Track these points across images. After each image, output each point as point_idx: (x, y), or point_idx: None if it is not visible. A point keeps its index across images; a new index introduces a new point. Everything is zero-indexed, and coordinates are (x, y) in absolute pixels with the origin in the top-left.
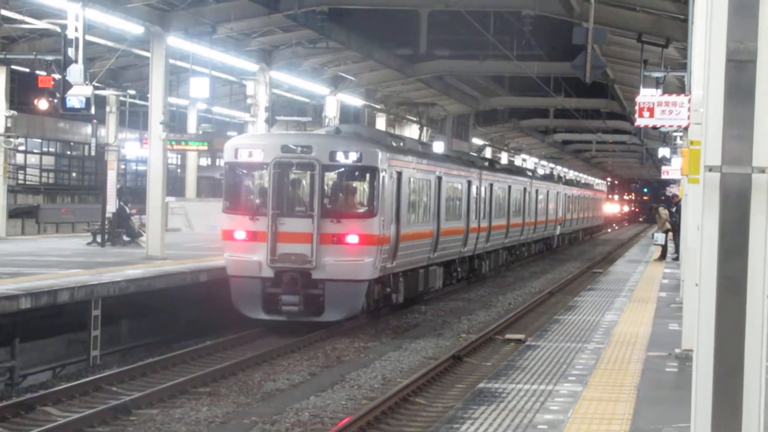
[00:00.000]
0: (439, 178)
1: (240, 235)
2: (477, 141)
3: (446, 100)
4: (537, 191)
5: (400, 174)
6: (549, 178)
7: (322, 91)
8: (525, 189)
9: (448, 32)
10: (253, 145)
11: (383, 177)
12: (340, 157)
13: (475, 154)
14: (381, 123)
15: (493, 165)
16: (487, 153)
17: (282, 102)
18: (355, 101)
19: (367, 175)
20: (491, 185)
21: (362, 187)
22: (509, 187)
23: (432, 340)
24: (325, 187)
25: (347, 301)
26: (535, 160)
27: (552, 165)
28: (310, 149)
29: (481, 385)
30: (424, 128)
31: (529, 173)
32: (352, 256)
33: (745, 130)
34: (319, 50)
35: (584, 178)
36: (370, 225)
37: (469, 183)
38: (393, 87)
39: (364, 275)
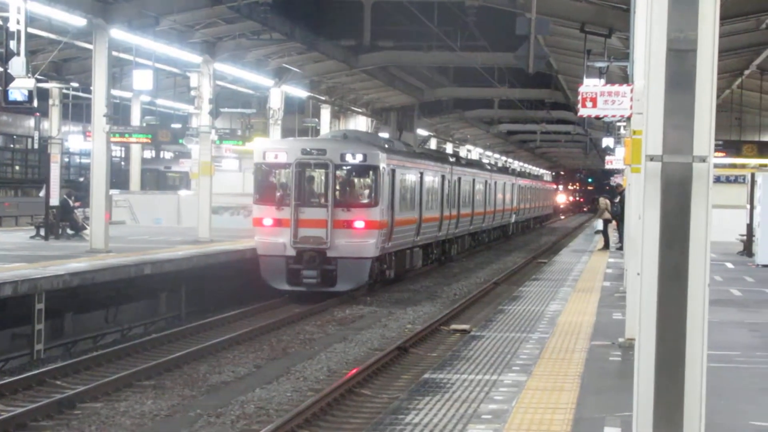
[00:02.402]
0: (421, 174)
1: (268, 221)
2: (422, 132)
3: (391, 91)
4: (495, 183)
5: (393, 171)
6: (505, 170)
7: (267, 82)
8: (486, 181)
9: (392, 23)
10: (278, 148)
11: (382, 174)
12: (348, 158)
13: (443, 151)
14: (326, 114)
15: (459, 160)
16: (432, 144)
17: (226, 94)
18: (300, 93)
19: (370, 173)
20: (459, 179)
21: (366, 182)
22: (473, 180)
23: (378, 332)
24: (337, 182)
25: (355, 274)
26: (480, 150)
27: (497, 156)
28: (324, 152)
29: (426, 375)
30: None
31: (489, 167)
32: (359, 238)
33: (686, 120)
34: (262, 42)
35: (534, 170)
36: (372, 213)
37: (443, 177)
38: (337, 78)
39: (369, 254)
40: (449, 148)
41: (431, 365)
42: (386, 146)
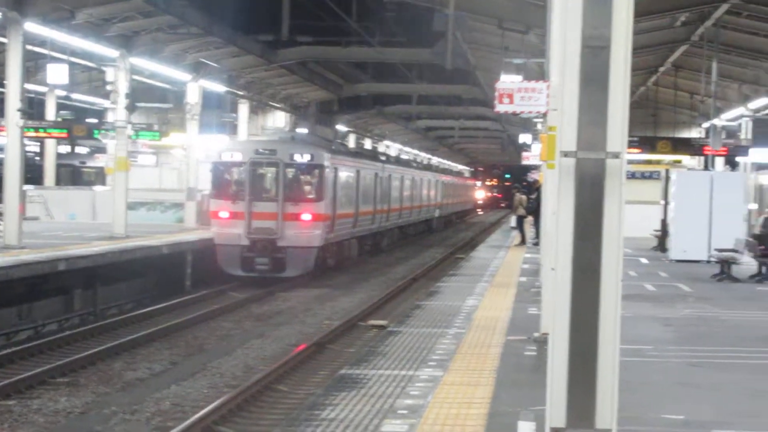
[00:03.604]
0: (358, 171)
1: (224, 214)
2: (341, 127)
3: (309, 87)
4: (421, 180)
5: (336, 169)
6: (429, 168)
7: (184, 77)
8: (413, 178)
9: (311, 18)
10: (234, 149)
11: (327, 172)
12: (297, 158)
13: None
14: (244, 110)
15: (389, 159)
16: (351, 140)
17: (143, 88)
18: (218, 87)
19: (316, 171)
20: (390, 176)
21: (312, 179)
22: (402, 176)
23: (296, 327)
24: (286, 179)
25: (303, 262)
26: (399, 146)
27: (416, 151)
28: (275, 152)
29: (343, 371)
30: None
31: (415, 164)
32: (306, 229)
33: (600, 116)
34: (180, 36)
35: (454, 166)
36: (318, 207)
37: (376, 174)
38: (256, 73)
39: (315, 243)
40: (368, 143)
41: (348, 361)
42: (330, 147)
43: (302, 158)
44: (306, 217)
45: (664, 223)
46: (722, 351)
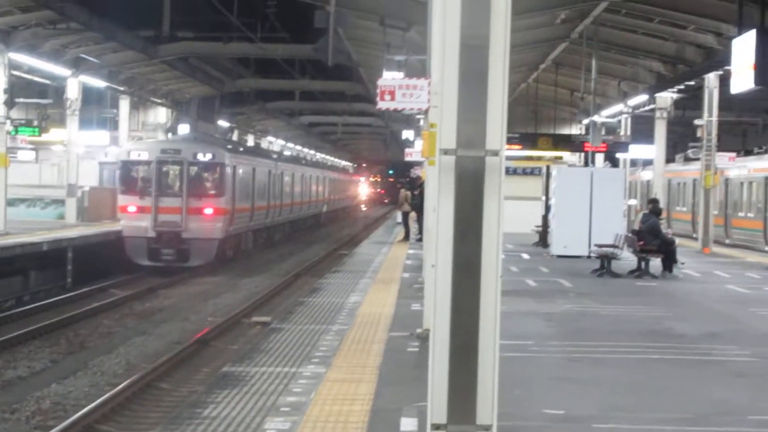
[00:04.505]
0: (254, 169)
1: (132, 209)
2: (223, 123)
3: (191, 82)
4: (310, 176)
5: (235, 167)
6: (317, 164)
7: (64, 72)
8: (303, 175)
9: (192, 14)
10: (141, 148)
11: (227, 169)
12: (199, 156)
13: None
14: (125, 105)
15: (281, 156)
16: (234, 136)
17: (22, 84)
18: (99, 83)
19: (217, 168)
20: (282, 172)
21: (214, 176)
22: (293, 173)
23: (178, 324)
24: (190, 176)
25: (205, 252)
26: (282, 142)
27: (299, 147)
28: (180, 151)
29: (226, 368)
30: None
31: (304, 162)
32: (208, 222)
33: (479, 114)
34: (59, 31)
35: (339, 162)
36: (219, 201)
37: (270, 171)
38: (137, 69)
39: (216, 235)
40: (251, 139)
41: (231, 358)
42: (229, 146)
43: (204, 157)
44: (208, 211)
45: (545, 219)
46: (602, 346)
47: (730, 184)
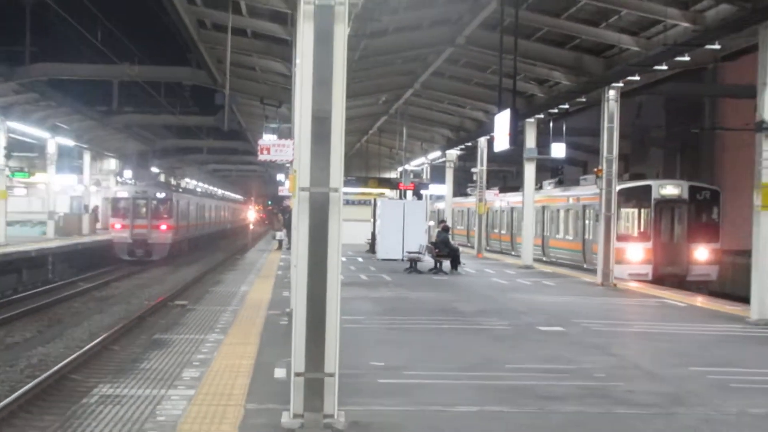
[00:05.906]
0: (188, 201)
1: (118, 226)
2: (154, 169)
3: (132, 142)
4: (218, 205)
5: (178, 201)
6: (222, 198)
7: (45, 135)
8: (214, 204)
9: (133, 95)
10: (123, 189)
11: (174, 202)
12: (158, 195)
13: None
14: (87, 157)
15: (201, 193)
16: (161, 178)
17: (16, 143)
18: (69, 142)
19: (168, 202)
20: (203, 203)
21: (166, 206)
22: (208, 204)
23: (124, 306)
24: (152, 206)
25: (162, 251)
26: (195, 182)
27: (207, 186)
28: (146, 192)
29: (156, 336)
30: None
31: (214, 196)
32: (163, 233)
33: (324, 163)
34: (41, 107)
35: (236, 196)
36: (170, 221)
37: (197, 202)
38: (95, 132)
39: (168, 241)
40: (173, 180)
41: (160, 329)
42: (174, 188)
43: (161, 195)
44: (163, 227)
45: (373, 234)
46: (410, 319)
47: (491, 211)
